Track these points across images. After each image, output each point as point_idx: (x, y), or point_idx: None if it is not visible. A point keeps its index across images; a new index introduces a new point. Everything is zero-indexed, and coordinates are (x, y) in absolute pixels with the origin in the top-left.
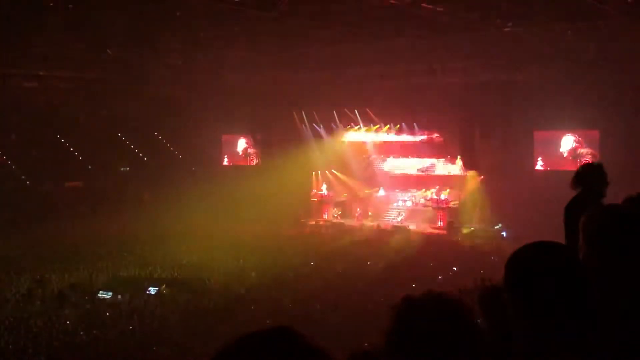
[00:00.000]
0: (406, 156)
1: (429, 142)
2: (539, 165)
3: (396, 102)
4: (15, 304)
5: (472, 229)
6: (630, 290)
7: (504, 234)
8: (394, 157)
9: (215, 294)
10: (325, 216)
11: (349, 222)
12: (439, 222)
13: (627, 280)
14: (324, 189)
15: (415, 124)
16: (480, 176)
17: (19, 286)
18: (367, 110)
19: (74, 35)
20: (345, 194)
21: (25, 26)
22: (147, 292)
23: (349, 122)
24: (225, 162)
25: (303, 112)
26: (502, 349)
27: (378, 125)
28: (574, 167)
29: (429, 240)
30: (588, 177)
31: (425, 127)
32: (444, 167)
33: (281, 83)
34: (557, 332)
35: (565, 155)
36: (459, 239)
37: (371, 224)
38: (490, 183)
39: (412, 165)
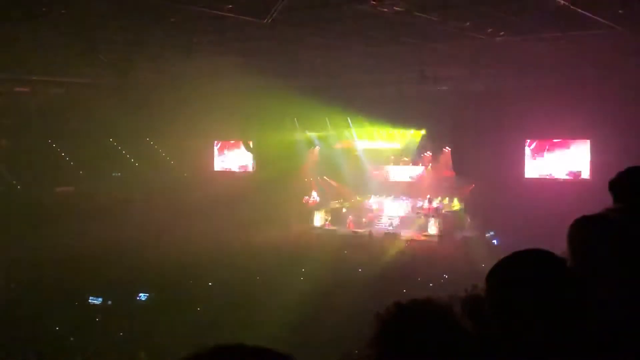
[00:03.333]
0: (397, 163)
1: (419, 150)
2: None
3: (388, 109)
4: (5, 308)
5: (464, 236)
6: (618, 299)
7: (495, 242)
8: (385, 164)
9: (206, 300)
10: (317, 223)
11: (340, 228)
12: (431, 230)
13: (614, 289)
14: (315, 196)
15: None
16: (472, 184)
17: (8, 291)
18: (360, 117)
19: (66, 40)
20: (337, 201)
21: (17, 30)
22: (138, 298)
23: (341, 129)
24: (217, 167)
25: (295, 119)
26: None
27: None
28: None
29: (420, 247)
30: None
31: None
32: (435, 175)
33: (274, 89)
34: (542, 341)
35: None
36: (451, 246)
37: (363, 231)
38: (481, 191)
39: (404, 173)
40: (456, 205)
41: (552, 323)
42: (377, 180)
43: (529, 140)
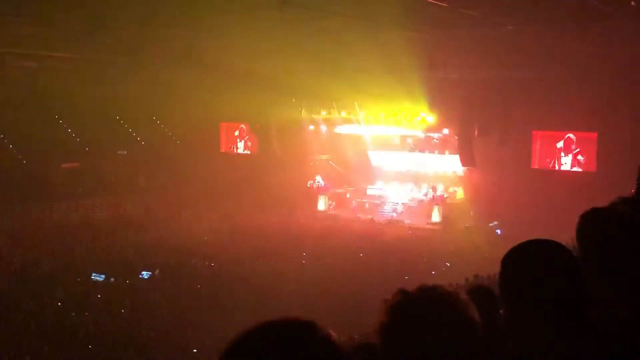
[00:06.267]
0: (403, 150)
1: (427, 137)
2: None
3: (396, 95)
4: (8, 284)
5: (467, 225)
6: (626, 292)
7: (499, 231)
8: (390, 151)
9: (207, 280)
10: (321, 207)
11: (343, 214)
12: (434, 218)
13: (623, 282)
14: (320, 180)
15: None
16: (477, 173)
17: (11, 266)
18: (367, 102)
19: (74, 15)
20: (341, 186)
21: (26, 5)
22: (140, 276)
23: (348, 114)
24: (223, 149)
25: (302, 103)
26: (494, 344)
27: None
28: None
29: (423, 235)
30: None
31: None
32: (440, 163)
33: (282, 72)
34: (552, 329)
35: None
36: (454, 235)
37: (366, 217)
38: (487, 180)
39: (409, 160)
40: (460, 194)
41: (564, 313)
42: (382, 166)
43: (536, 132)
